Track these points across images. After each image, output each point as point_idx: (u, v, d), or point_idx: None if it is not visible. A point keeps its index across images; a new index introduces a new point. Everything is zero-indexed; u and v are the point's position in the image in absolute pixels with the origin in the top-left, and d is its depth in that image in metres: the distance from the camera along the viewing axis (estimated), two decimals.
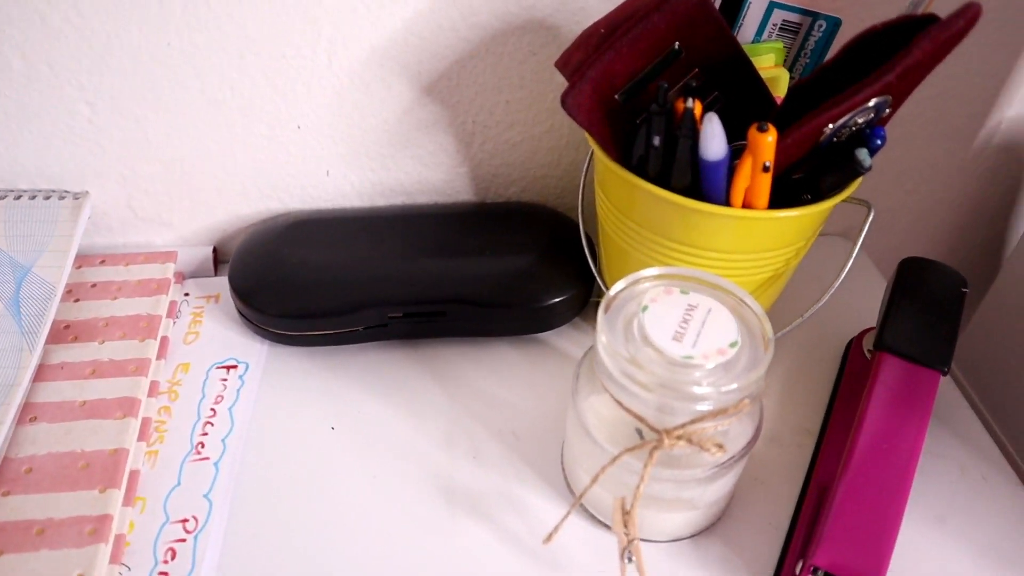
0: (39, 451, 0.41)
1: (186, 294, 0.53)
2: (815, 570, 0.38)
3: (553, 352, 0.51)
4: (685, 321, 0.37)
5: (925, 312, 0.45)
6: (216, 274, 0.54)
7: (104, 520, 0.39)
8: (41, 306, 0.45)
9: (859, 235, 0.43)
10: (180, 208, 0.52)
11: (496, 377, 0.49)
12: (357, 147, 0.51)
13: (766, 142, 0.37)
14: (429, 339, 0.51)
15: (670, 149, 0.39)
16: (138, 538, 0.41)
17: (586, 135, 0.43)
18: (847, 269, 0.44)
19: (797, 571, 0.39)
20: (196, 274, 0.54)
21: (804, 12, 0.46)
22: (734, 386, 0.35)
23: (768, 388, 0.51)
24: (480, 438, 0.46)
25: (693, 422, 0.36)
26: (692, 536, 0.43)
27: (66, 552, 0.38)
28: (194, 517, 0.42)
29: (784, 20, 0.46)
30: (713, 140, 0.38)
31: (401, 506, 0.43)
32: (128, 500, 0.42)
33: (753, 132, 0.37)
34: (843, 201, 0.43)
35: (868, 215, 0.43)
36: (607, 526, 0.42)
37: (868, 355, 0.50)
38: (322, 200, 0.53)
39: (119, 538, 0.40)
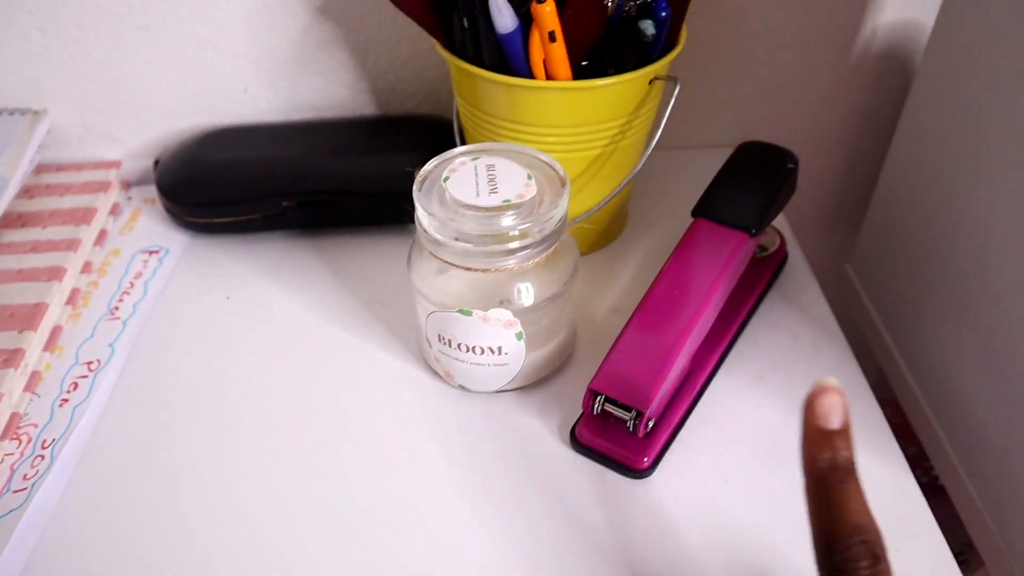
0: None
1: (129, 198, 0.62)
2: (595, 395, 0.43)
3: None
4: (488, 180, 0.42)
5: (747, 184, 0.49)
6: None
7: (17, 353, 0.47)
8: None
9: (666, 108, 0.48)
10: (126, 125, 0.61)
11: (378, 260, 0.56)
12: (267, 65, 0.59)
13: (545, 12, 0.42)
14: (323, 229, 0.58)
15: (477, 29, 0.45)
16: (51, 375, 0.49)
17: None
18: (653, 143, 0.48)
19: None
20: (141, 182, 0.63)
21: None
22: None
23: (623, 271, 0.55)
24: (352, 306, 0.53)
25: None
26: (516, 389, 0.48)
27: None
28: (97, 360, 0.50)
29: None
30: (500, 15, 0.43)
31: (272, 357, 0.50)
32: (49, 347, 0.50)
33: (533, 5, 0.42)
34: (656, 79, 0.47)
35: (675, 89, 0.47)
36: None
37: None
38: (244, 116, 0.61)
39: (35, 374, 0.49)
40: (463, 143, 0.54)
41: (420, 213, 0.42)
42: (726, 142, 0.65)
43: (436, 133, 0.57)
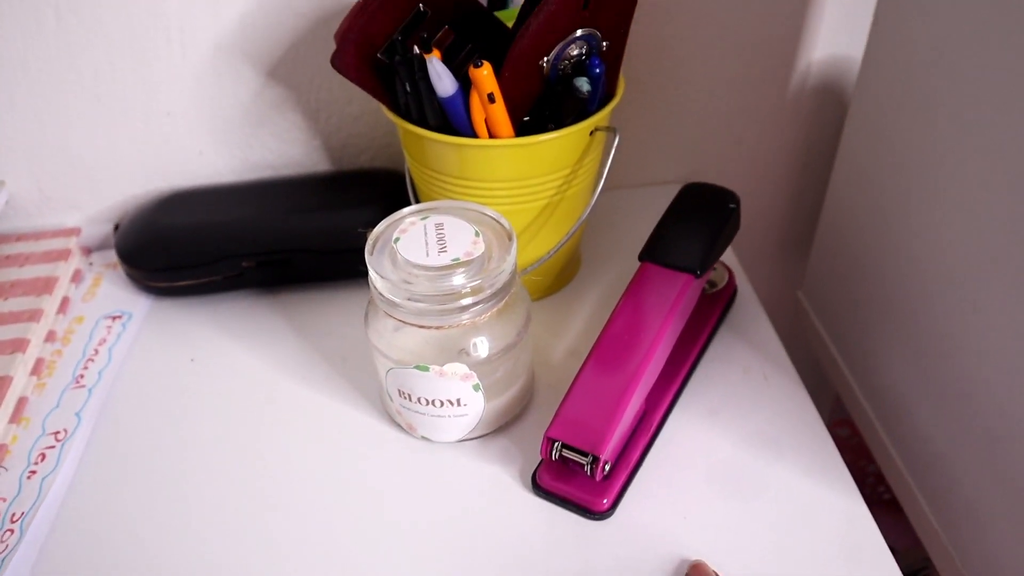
0: None
1: (90, 263, 0.62)
2: (553, 442, 0.44)
3: None
4: (437, 239, 0.44)
5: (691, 226, 0.51)
6: None
7: None
8: None
9: (608, 157, 0.49)
10: (83, 191, 0.62)
11: (336, 315, 0.57)
12: (222, 128, 0.60)
13: (482, 75, 0.44)
14: (283, 286, 0.59)
15: (419, 93, 0.47)
16: (18, 447, 0.50)
17: None
18: (598, 191, 0.50)
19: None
20: (102, 247, 0.64)
21: None
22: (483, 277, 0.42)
23: (578, 314, 0.57)
24: (314, 362, 0.54)
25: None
26: (478, 437, 0.49)
27: None
28: (64, 430, 0.51)
29: None
30: (440, 80, 0.45)
31: (237, 418, 0.51)
32: (15, 419, 0.51)
33: (471, 69, 0.44)
34: (596, 129, 0.49)
35: (614, 139, 0.49)
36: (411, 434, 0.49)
37: None
38: (201, 178, 0.62)
39: (1, 447, 0.49)
40: (415, 197, 0.56)
41: (373, 276, 0.43)
42: (674, 179, 0.68)
43: (389, 187, 0.58)
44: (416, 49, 0.45)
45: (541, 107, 0.48)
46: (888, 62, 0.53)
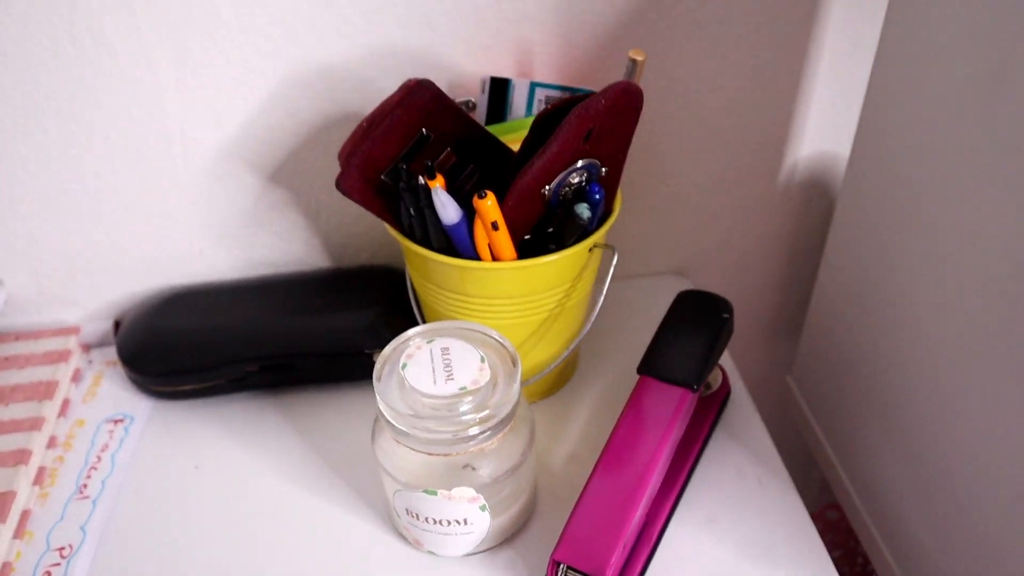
0: None
1: (89, 361, 0.63)
2: (558, 564, 0.45)
3: None
4: (444, 366, 0.45)
5: (687, 339, 0.52)
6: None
7: None
8: None
9: (606, 275, 0.51)
10: (83, 289, 0.62)
11: (342, 417, 0.58)
12: (222, 229, 0.61)
13: (486, 206, 0.45)
14: (287, 388, 0.59)
15: (423, 218, 0.48)
16: (22, 564, 0.50)
17: None
18: (599, 305, 0.52)
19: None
20: (101, 344, 0.64)
21: (562, 88, 0.54)
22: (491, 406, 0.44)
23: (578, 415, 0.58)
24: (319, 468, 0.54)
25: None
26: (483, 551, 0.50)
27: None
28: (69, 545, 0.51)
29: (547, 96, 0.54)
30: (444, 209, 0.46)
31: (244, 528, 0.51)
32: (19, 534, 0.51)
33: (475, 200, 0.45)
34: (595, 246, 0.50)
35: (613, 257, 0.51)
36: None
37: None
38: (200, 276, 0.63)
39: (6, 565, 0.49)
40: (416, 302, 0.57)
41: (382, 406, 0.44)
42: (667, 269, 0.69)
43: (390, 286, 0.59)
44: (420, 178, 0.46)
45: (542, 225, 0.49)
46: (874, 158, 0.55)
